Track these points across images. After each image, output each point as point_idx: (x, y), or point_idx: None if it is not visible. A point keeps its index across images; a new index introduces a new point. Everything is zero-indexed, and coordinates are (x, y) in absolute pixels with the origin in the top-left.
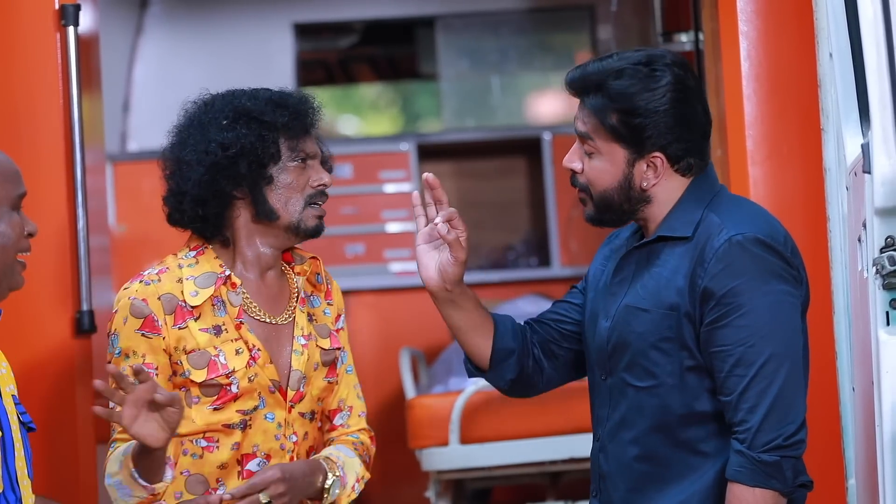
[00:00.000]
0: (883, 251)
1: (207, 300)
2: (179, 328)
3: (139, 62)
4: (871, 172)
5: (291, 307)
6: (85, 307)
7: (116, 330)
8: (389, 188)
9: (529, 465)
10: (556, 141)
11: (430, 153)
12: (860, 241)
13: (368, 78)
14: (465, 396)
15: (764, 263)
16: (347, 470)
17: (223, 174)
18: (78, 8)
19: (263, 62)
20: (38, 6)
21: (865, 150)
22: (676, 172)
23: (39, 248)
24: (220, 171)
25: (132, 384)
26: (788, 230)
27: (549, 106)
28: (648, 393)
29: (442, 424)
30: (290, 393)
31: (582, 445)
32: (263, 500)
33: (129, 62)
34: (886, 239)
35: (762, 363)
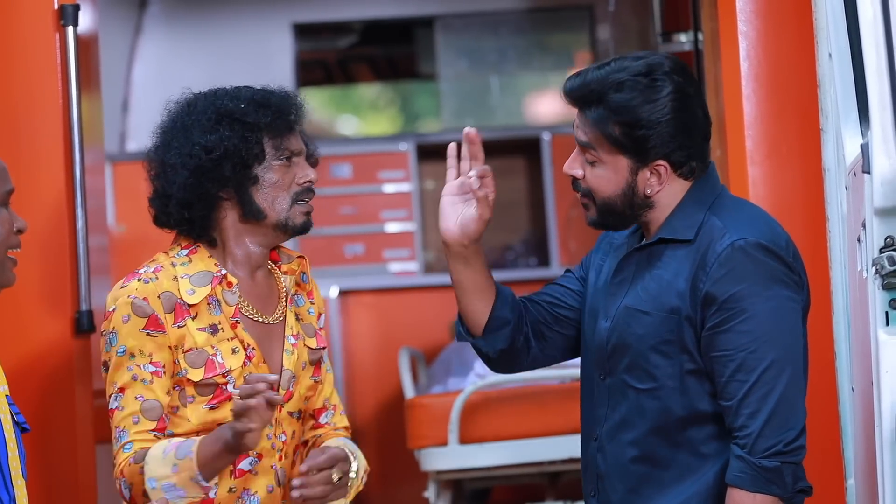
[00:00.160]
0: (882, 251)
1: (203, 299)
2: (179, 327)
3: (138, 62)
4: (870, 172)
5: (282, 307)
6: (84, 307)
7: (115, 329)
8: (388, 188)
9: (528, 465)
10: (555, 141)
11: (429, 153)
12: (859, 241)
13: (367, 78)
14: (464, 396)
15: (766, 269)
16: (360, 460)
17: (208, 177)
18: (77, 8)
19: (262, 62)
20: (37, 6)
21: (865, 150)
22: (679, 177)
23: (38, 247)
24: (204, 173)
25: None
26: (788, 230)
27: (548, 106)
28: (649, 395)
29: (441, 424)
30: (280, 392)
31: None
32: (335, 476)
33: (128, 62)
34: (886, 239)
35: (764, 369)
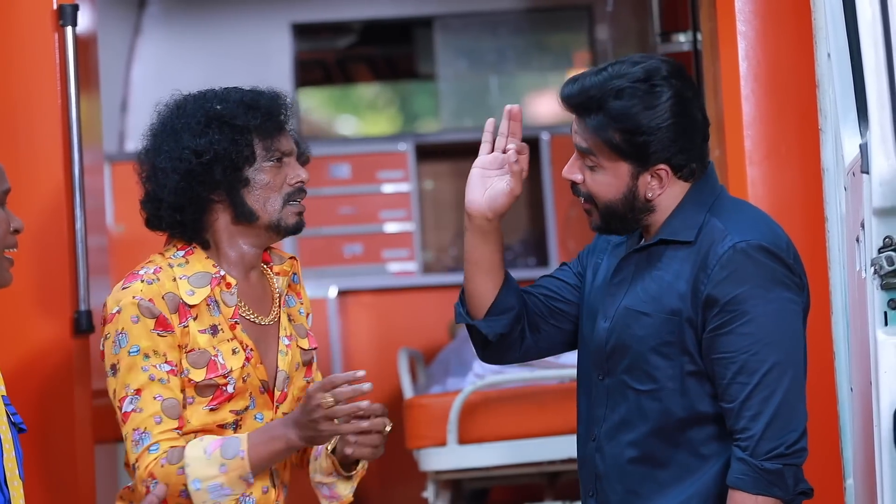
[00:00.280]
0: (881, 251)
1: (203, 300)
2: (183, 327)
3: (137, 62)
4: (869, 172)
5: (276, 307)
6: (83, 307)
7: (125, 329)
8: (387, 188)
9: (527, 465)
10: (554, 141)
11: (428, 153)
12: (858, 241)
13: (366, 78)
14: (462, 396)
15: (768, 271)
16: None
17: (198, 180)
18: (76, 8)
19: (261, 62)
20: (36, 6)
21: (863, 150)
22: (679, 179)
23: (37, 247)
24: (194, 177)
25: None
26: (786, 230)
27: (547, 106)
28: (649, 396)
29: (440, 424)
30: (276, 393)
31: None
32: (388, 427)
33: (127, 62)
34: (885, 239)
35: (765, 371)
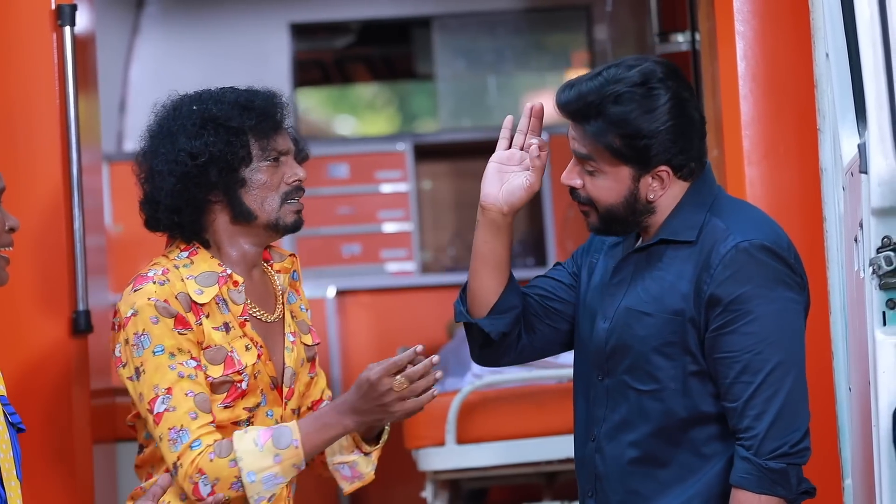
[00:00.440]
0: (879, 251)
1: (212, 299)
2: (199, 325)
3: (135, 62)
4: (867, 172)
5: (280, 305)
6: (81, 307)
7: (146, 331)
8: (386, 188)
9: (526, 465)
10: (552, 141)
11: (426, 153)
12: (857, 241)
13: (365, 78)
14: (461, 396)
15: (770, 270)
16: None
17: (195, 182)
18: (74, 8)
19: (260, 62)
20: (34, 6)
21: (862, 150)
22: (679, 179)
23: (35, 247)
24: (191, 179)
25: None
26: (785, 230)
27: (546, 106)
28: (651, 396)
29: (438, 424)
30: (284, 389)
31: None
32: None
33: (125, 62)
34: (883, 239)
35: (769, 370)
